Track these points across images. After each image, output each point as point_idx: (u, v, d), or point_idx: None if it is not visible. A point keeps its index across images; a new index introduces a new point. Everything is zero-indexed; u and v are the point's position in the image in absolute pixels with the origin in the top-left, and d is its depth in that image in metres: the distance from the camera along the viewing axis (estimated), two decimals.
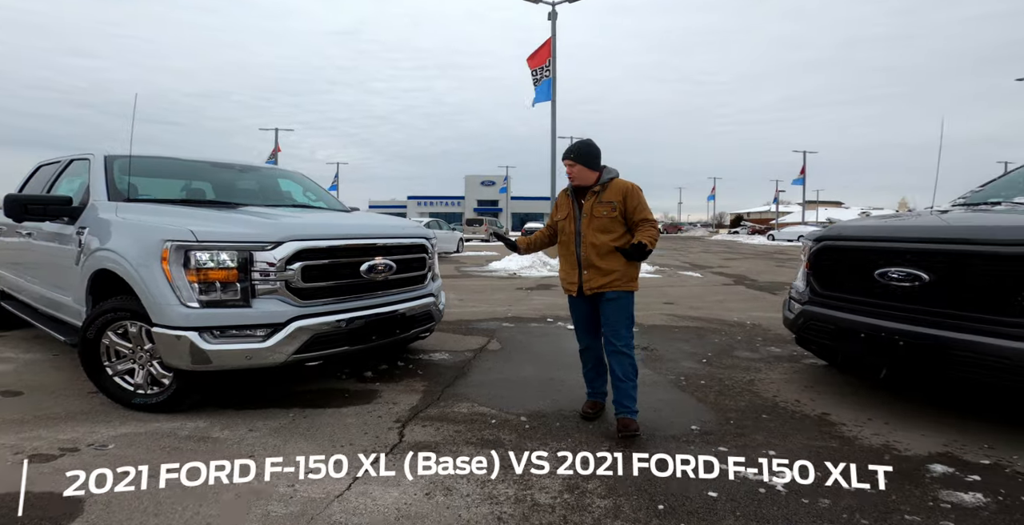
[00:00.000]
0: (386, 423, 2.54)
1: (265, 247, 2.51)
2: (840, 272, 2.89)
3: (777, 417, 2.62)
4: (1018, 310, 2.09)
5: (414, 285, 3.25)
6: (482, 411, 2.72)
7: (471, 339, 4.45)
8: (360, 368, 3.41)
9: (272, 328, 2.47)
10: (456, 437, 2.38)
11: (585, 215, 2.51)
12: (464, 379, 3.31)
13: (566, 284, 2.63)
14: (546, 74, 11.82)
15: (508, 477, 1.99)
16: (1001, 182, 3.49)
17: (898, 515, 1.65)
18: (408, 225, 3.57)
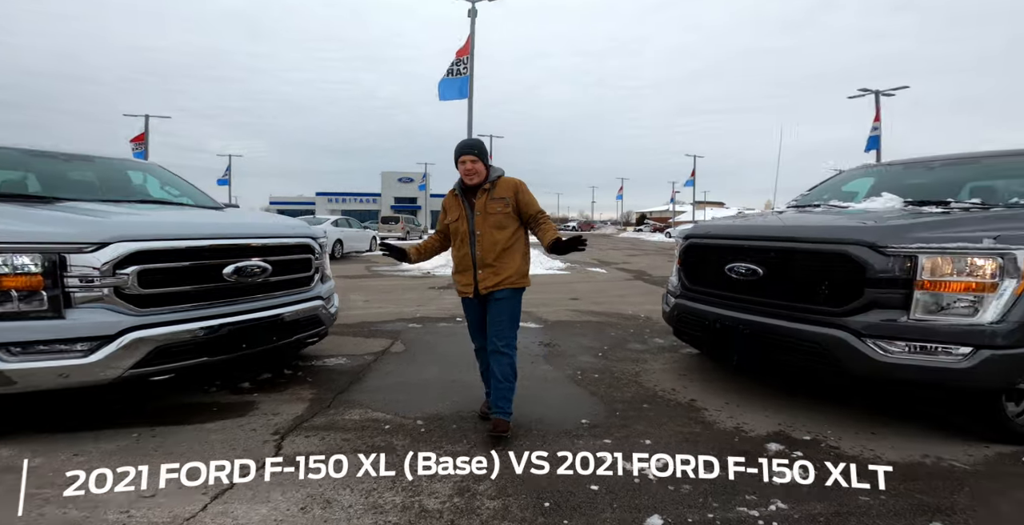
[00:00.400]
0: (260, 436, 2.35)
1: (84, 249, 2.20)
2: (701, 268, 3.13)
3: (655, 406, 2.82)
4: (823, 299, 2.39)
5: (297, 288, 3.04)
6: (376, 417, 2.62)
7: (373, 342, 4.29)
8: (236, 379, 3.11)
9: (97, 341, 2.19)
10: (343, 446, 2.27)
11: (479, 213, 2.46)
12: (360, 384, 3.16)
13: (461, 287, 2.58)
14: (463, 70, 11.56)
15: (397, 484, 1.94)
16: (822, 187, 4.00)
17: (740, 496, 1.84)
18: (289, 224, 3.31)
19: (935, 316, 2.14)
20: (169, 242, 2.42)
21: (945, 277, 2.14)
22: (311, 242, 3.17)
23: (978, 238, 2.14)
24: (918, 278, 2.16)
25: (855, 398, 2.82)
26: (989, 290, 2.08)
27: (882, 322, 2.20)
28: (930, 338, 2.11)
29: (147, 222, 2.61)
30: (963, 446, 2.22)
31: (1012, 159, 3.36)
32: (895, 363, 2.14)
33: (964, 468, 2.01)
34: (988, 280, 2.09)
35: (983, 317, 2.07)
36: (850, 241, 2.33)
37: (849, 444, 2.27)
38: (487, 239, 2.45)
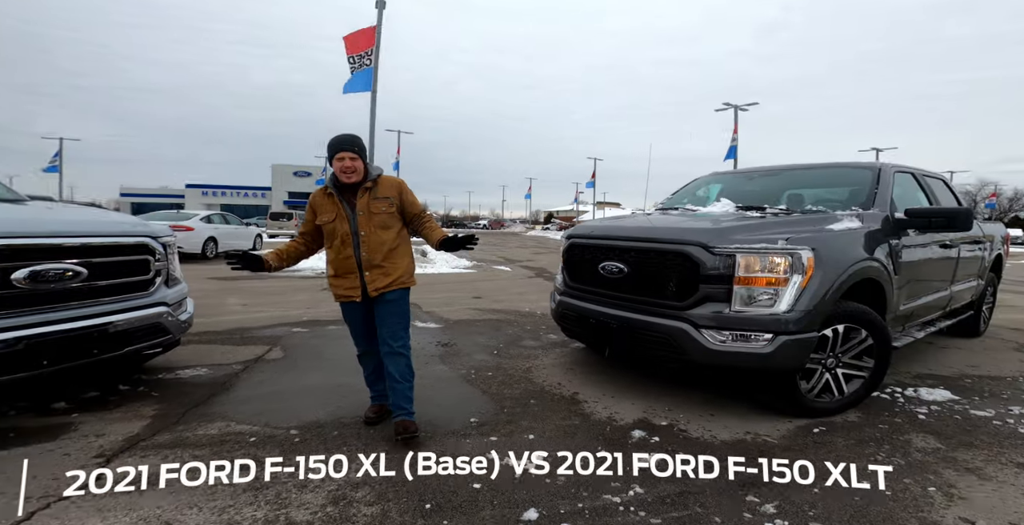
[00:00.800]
0: (77, 461, 2.06)
1: None
2: (580, 266, 3.27)
3: (542, 401, 2.96)
4: (671, 294, 2.67)
5: (130, 293, 2.70)
6: (239, 430, 2.43)
7: (245, 349, 3.94)
8: (47, 398, 2.68)
9: None
10: (193, 463, 2.06)
11: (362, 213, 2.33)
12: (223, 396, 2.90)
13: (343, 291, 2.42)
14: (366, 62, 10.92)
15: (259, 498, 1.83)
16: (682, 191, 4.50)
17: (607, 484, 2.00)
18: (115, 220, 2.92)
19: (748, 308, 2.50)
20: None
21: (753, 273, 2.50)
22: (148, 242, 2.80)
23: (775, 240, 2.54)
24: (736, 274, 2.50)
25: (700, 383, 3.23)
26: (783, 284, 2.48)
27: (712, 314, 2.53)
28: (745, 327, 2.46)
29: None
30: (773, 422, 2.64)
31: (811, 171, 4.06)
32: (723, 350, 2.47)
33: (773, 442, 2.40)
34: (782, 275, 2.49)
35: (779, 307, 2.46)
36: (689, 242, 2.62)
37: (694, 427, 2.59)
38: (373, 240, 2.35)
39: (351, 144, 2.32)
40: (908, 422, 2.68)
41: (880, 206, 3.22)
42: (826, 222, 2.87)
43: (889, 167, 3.60)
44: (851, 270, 2.65)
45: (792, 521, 1.75)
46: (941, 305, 3.89)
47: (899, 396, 3.09)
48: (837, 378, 2.79)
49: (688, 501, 1.89)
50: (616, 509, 1.84)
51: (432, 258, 10.90)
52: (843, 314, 2.67)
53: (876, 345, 2.80)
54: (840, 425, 2.62)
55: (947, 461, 2.20)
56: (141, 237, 2.76)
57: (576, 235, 3.41)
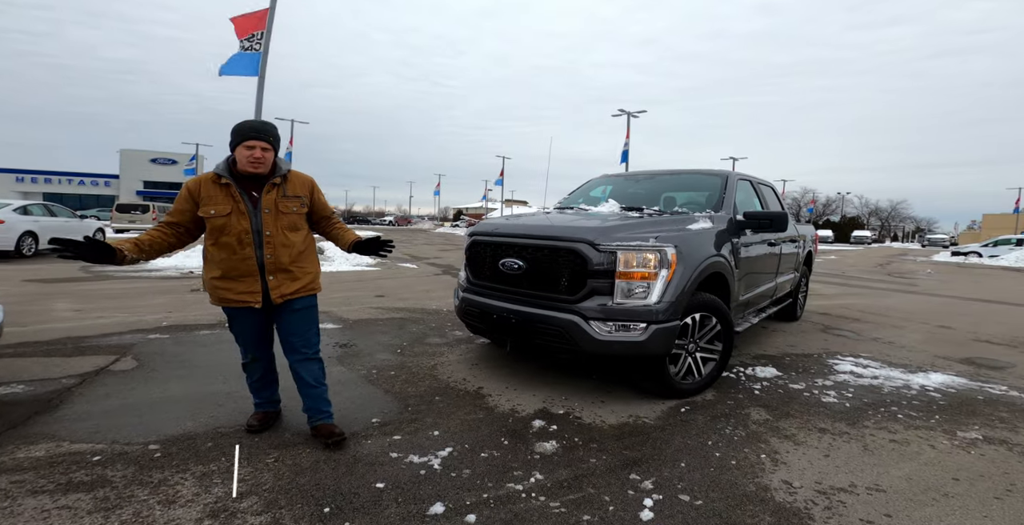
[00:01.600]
0: None
1: None
2: (482, 263, 3.28)
3: (446, 397, 2.93)
4: (564, 289, 2.79)
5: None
6: (76, 449, 2.06)
7: (82, 360, 3.35)
8: None
9: None
10: (12, 490, 1.73)
11: (268, 210, 2.07)
12: (50, 415, 2.45)
13: (235, 295, 2.10)
14: (255, 46, 9.76)
15: (111, 519, 1.57)
16: (577, 192, 4.78)
17: (509, 473, 2.04)
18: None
19: (627, 300, 2.72)
20: None
21: (630, 268, 2.73)
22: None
23: (647, 237, 2.80)
24: (617, 269, 2.72)
25: (593, 373, 3.47)
26: (653, 278, 2.75)
27: (598, 306, 2.70)
28: (625, 318, 2.68)
29: None
30: (652, 405, 2.93)
31: (679, 176, 4.54)
32: (608, 340, 2.66)
33: (651, 424, 2.66)
34: (652, 270, 2.76)
35: (651, 299, 2.73)
36: (579, 240, 2.78)
37: (587, 413, 2.77)
38: (279, 241, 2.10)
39: (266, 133, 2.03)
40: (747, 397, 3.15)
41: (727, 209, 3.71)
42: (686, 222, 3.22)
43: (734, 175, 4.18)
44: (704, 264, 3.00)
45: (666, 494, 1.95)
46: (769, 294, 4.63)
47: (741, 375, 3.62)
48: (696, 361, 3.18)
49: (582, 484, 2.01)
50: (519, 496, 1.89)
51: (331, 255, 10.15)
52: (699, 304, 3.01)
53: (723, 330, 3.22)
54: (700, 404, 3.00)
55: (773, 430, 2.63)
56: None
57: (478, 233, 3.41)
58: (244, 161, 2.03)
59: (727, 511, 1.85)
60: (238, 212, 2.05)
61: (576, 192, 4.82)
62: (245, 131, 2.02)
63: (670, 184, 4.45)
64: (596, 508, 1.83)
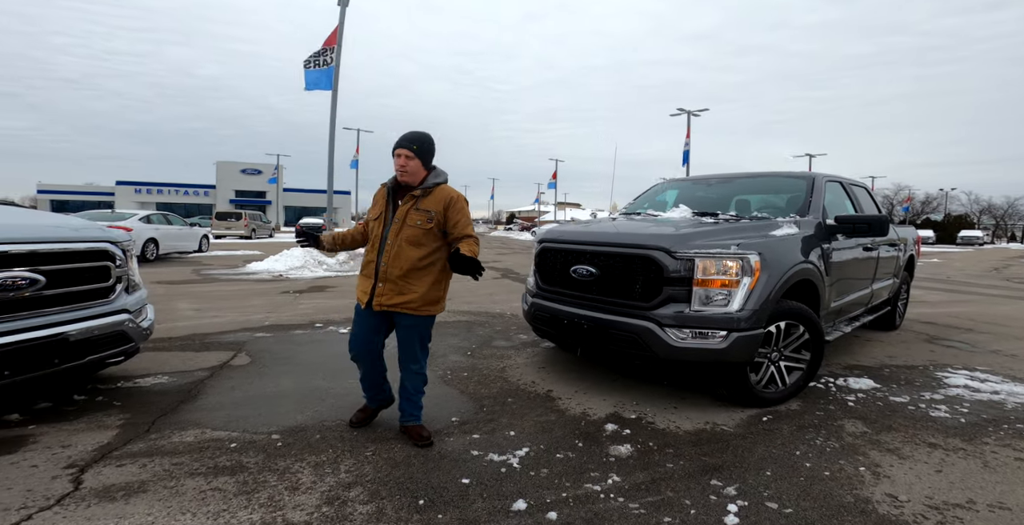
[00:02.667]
0: (47, 472, 1.98)
1: None
2: (552, 269, 3.37)
3: (518, 399, 3.05)
4: (637, 295, 2.83)
5: (90, 301, 2.59)
6: (217, 436, 2.38)
7: (208, 355, 3.81)
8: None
9: None
10: (174, 471, 2.03)
11: (397, 221, 2.15)
12: (191, 404, 2.81)
13: (359, 291, 2.32)
14: (328, 61, 10.67)
15: (253, 502, 1.82)
16: (643, 197, 4.74)
17: (586, 474, 2.13)
18: (74, 225, 2.77)
19: (705, 307, 2.70)
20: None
21: (709, 276, 2.71)
22: (109, 247, 2.69)
23: (728, 245, 2.76)
24: (695, 277, 2.70)
25: (664, 379, 3.44)
26: (735, 286, 2.71)
27: (675, 313, 2.71)
28: (703, 325, 2.66)
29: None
30: (730, 413, 2.87)
31: (756, 179, 4.39)
32: (685, 346, 2.66)
33: (730, 431, 2.62)
34: (734, 277, 2.72)
35: (732, 307, 2.69)
36: (654, 247, 2.80)
37: (660, 419, 2.77)
38: (395, 252, 2.16)
39: (410, 141, 2.13)
40: (840, 409, 2.98)
41: (814, 213, 3.56)
42: (769, 228, 3.13)
43: (821, 177, 3.96)
44: (791, 272, 2.92)
45: (751, 500, 1.93)
46: (864, 302, 4.32)
47: (832, 385, 3.42)
48: (780, 370, 3.07)
49: (660, 487, 2.04)
50: (597, 496, 1.96)
51: None
52: (785, 312, 2.93)
53: (812, 339, 3.09)
54: (784, 413, 2.89)
55: (872, 443, 2.49)
56: (100, 243, 2.64)
57: (548, 240, 3.52)
58: (394, 169, 2.18)
59: (822, 521, 1.80)
60: (382, 219, 2.22)
61: (641, 197, 4.79)
62: (396, 142, 2.17)
63: (746, 188, 4.32)
64: (677, 511, 1.86)
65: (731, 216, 3.58)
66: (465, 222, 2.22)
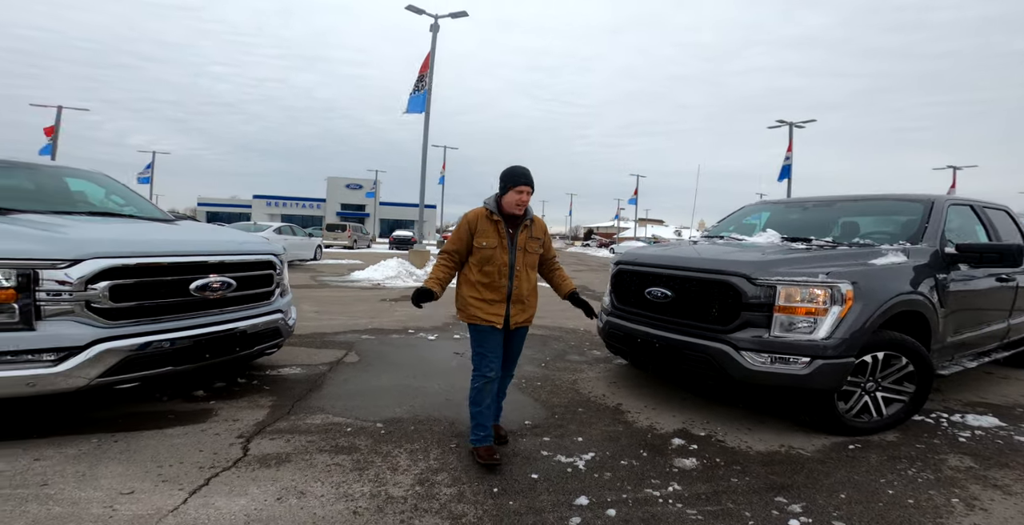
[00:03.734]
0: (226, 440, 2.53)
1: (57, 265, 2.30)
2: (627, 290, 3.54)
3: (588, 410, 3.24)
4: (713, 319, 2.90)
5: (259, 302, 3.21)
6: (337, 421, 2.86)
7: (327, 352, 4.45)
8: (188, 387, 3.25)
9: (65, 352, 2.29)
10: (309, 446, 2.51)
11: (519, 249, 2.43)
12: (318, 392, 3.36)
13: (485, 315, 2.40)
14: (422, 85, 11.84)
15: (363, 477, 2.22)
16: (729, 219, 4.67)
17: (647, 480, 2.28)
18: (251, 240, 3.36)
19: (787, 333, 2.71)
20: (141, 259, 2.54)
21: (793, 303, 2.72)
22: (273, 259, 3.35)
23: (816, 273, 2.74)
24: (776, 303, 2.72)
25: (740, 401, 3.40)
26: (822, 314, 2.68)
27: (752, 338, 2.75)
28: (784, 351, 2.66)
29: (116, 238, 2.64)
30: (811, 438, 2.80)
31: (861, 203, 4.14)
32: (761, 371, 2.68)
33: (807, 455, 2.57)
34: (821, 306, 2.69)
35: (818, 334, 2.66)
36: (732, 273, 2.86)
37: (732, 438, 2.80)
38: (524, 276, 2.45)
39: (531, 180, 2.38)
40: (947, 444, 2.75)
41: (929, 240, 3.32)
42: (869, 257, 3.02)
43: (943, 200, 3.65)
44: (891, 303, 2.80)
45: (816, 519, 1.94)
46: (999, 336, 3.85)
47: (944, 421, 3.13)
48: (876, 400, 2.91)
49: (721, 498, 2.12)
50: (656, 500, 2.10)
51: None
52: (883, 342, 2.82)
53: (917, 372, 2.91)
54: (876, 444, 2.74)
55: (977, 478, 2.30)
56: (269, 255, 3.32)
57: (625, 262, 3.70)
58: (513, 203, 2.37)
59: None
60: (503, 247, 2.41)
61: (727, 219, 4.73)
62: (520, 177, 2.36)
63: (849, 212, 4.12)
64: (736, 520, 1.94)
65: (826, 242, 3.47)
66: (551, 246, 2.65)
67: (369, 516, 1.93)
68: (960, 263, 3.31)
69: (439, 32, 12.70)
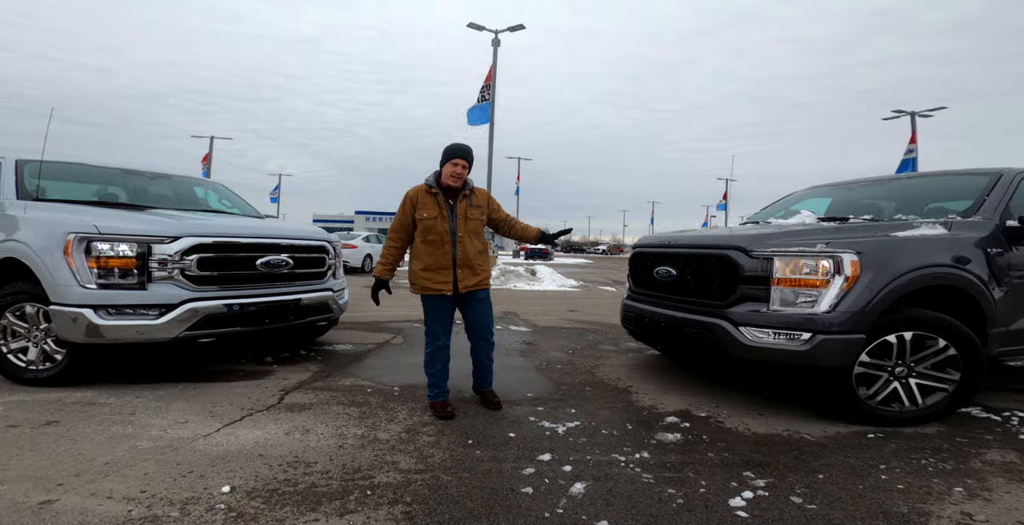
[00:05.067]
0: (271, 392, 2.96)
1: (164, 241, 2.87)
2: (641, 273, 3.52)
3: (596, 388, 3.23)
4: (713, 294, 2.77)
5: (312, 280, 3.71)
6: (362, 384, 3.21)
7: (378, 335, 4.91)
8: (262, 354, 3.82)
9: (165, 308, 2.84)
10: (331, 400, 2.85)
11: (460, 216, 2.58)
12: (358, 364, 3.75)
13: (434, 284, 2.60)
14: (486, 97, 12.11)
15: (362, 423, 2.50)
16: (776, 205, 4.32)
17: (620, 448, 2.24)
18: (309, 230, 3.93)
19: (786, 307, 2.50)
20: (220, 238, 3.11)
21: (791, 275, 2.50)
22: (326, 244, 3.87)
23: (813, 243, 2.51)
24: (773, 276, 2.53)
25: (763, 389, 3.14)
26: (823, 285, 2.44)
27: (749, 312, 2.58)
28: (783, 325, 2.47)
29: (207, 224, 3.24)
30: (826, 426, 2.52)
31: (918, 180, 3.71)
32: (760, 346, 2.50)
33: (810, 439, 2.33)
34: (822, 277, 2.45)
35: (819, 308, 2.42)
36: (729, 247, 2.73)
37: (733, 421, 2.62)
38: (467, 242, 2.62)
39: (466, 154, 2.60)
40: (999, 440, 2.32)
41: (985, 213, 2.87)
42: (893, 229, 2.69)
43: (1013, 172, 3.12)
44: (912, 276, 2.47)
45: (775, 493, 1.80)
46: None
47: (1015, 419, 2.62)
48: (910, 388, 2.54)
49: (685, 468, 2.04)
50: (617, 463, 2.09)
51: (540, 277, 11.54)
52: (911, 321, 2.48)
53: (962, 357, 2.50)
54: (907, 435, 2.40)
55: (1009, 472, 1.93)
56: (322, 241, 3.87)
57: (639, 245, 3.69)
58: (448, 175, 2.56)
59: (843, 520, 1.59)
60: (442, 217, 2.58)
61: (772, 206, 4.41)
62: (453, 152, 2.59)
63: (901, 191, 3.69)
64: (686, 487, 1.87)
65: (864, 219, 3.13)
66: (500, 206, 2.80)
67: (351, 449, 2.18)
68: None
69: (500, 46, 13.25)
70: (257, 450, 2.14)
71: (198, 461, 2.02)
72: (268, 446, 2.19)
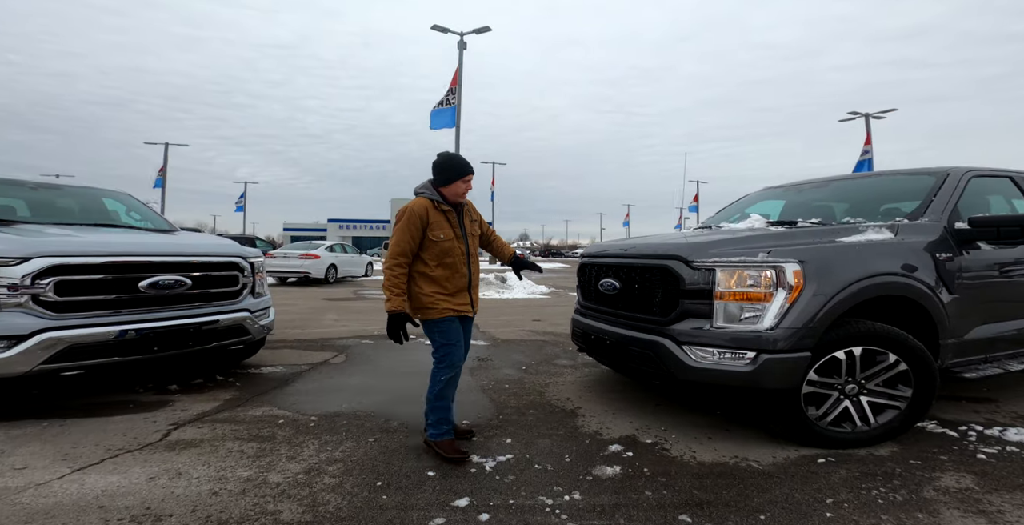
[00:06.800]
0: (157, 427, 2.58)
1: (10, 263, 2.51)
2: (588, 285, 3.25)
3: (539, 412, 2.95)
4: (656, 310, 2.54)
5: (222, 300, 3.32)
6: (276, 414, 2.84)
7: (318, 354, 4.52)
8: (167, 381, 3.41)
9: (14, 339, 2.48)
10: (228, 435, 2.49)
11: (469, 235, 2.36)
12: (282, 389, 3.37)
13: (458, 306, 2.28)
14: (452, 100, 11.84)
15: (255, 463, 2.15)
16: (728, 208, 4.16)
17: (550, 487, 1.97)
18: (219, 244, 3.53)
19: (730, 324, 2.28)
20: (85, 258, 2.71)
21: (732, 288, 2.29)
22: (239, 261, 3.46)
23: (755, 252, 2.30)
24: (716, 289, 2.31)
25: (718, 408, 2.93)
26: (766, 299, 2.23)
27: (692, 330, 2.35)
28: (727, 344, 2.24)
29: (73, 241, 2.82)
30: (777, 450, 2.31)
31: (864, 181, 3.60)
32: (704, 367, 2.28)
33: (758, 469, 2.10)
34: (764, 290, 2.24)
35: (762, 324, 2.21)
36: (669, 256, 2.50)
37: (680, 447, 2.38)
38: (475, 261, 2.38)
39: (471, 168, 2.34)
40: (955, 460, 2.14)
41: (932, 215, 2.72)
42: (838, 235, 2.52)
43: (960, 171, 3.00)
44: (860, 285, 2.29)
45: None
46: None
47: (972, 434, 2.47)
48: (861, 406, 2.35)
49: (617, 513, 1.78)
50: (543, 509, 1.81)
51: (511, 284, 11.27)
52: (859, 334, 2.29)
53: (913, 371, 2.33)
54: (859, 458, 2.20)
55: (964, 501, 1.74)
56: (233, 257, 3.45)
57: (586, 254, 3.42)
58: (459, 193, 2.28)
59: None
60: (458, 237, 2.29)
61: (726, 209, 4.26)
62: (465, 167, 2.28)
63: (847, 192, 3.57)
64: None
65: (812, 223, 2.96)
66: (484, 220, 2.57)
67: (226, 496, 1.84)
68: (979, 241, 2.63)
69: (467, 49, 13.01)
70: (100, 501, 1.79)
71: (12, 517, 1.65)
72: (116, 495, 1.84)
